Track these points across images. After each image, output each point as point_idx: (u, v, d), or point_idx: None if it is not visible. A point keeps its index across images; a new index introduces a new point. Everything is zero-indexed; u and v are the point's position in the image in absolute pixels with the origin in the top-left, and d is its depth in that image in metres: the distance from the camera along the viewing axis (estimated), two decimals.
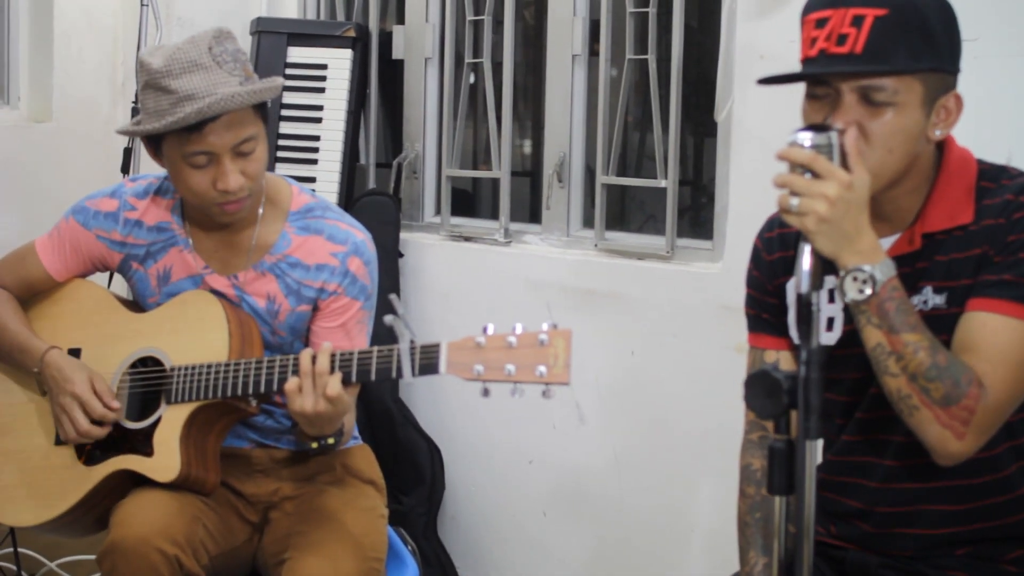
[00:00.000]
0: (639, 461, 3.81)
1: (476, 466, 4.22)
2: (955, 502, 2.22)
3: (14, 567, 4.04)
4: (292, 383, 2.56)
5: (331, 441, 2.72)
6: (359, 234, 2.88)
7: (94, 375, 2.81)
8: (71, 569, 4.27)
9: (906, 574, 2.28)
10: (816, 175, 1.98)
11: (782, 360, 2.36)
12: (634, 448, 3.82)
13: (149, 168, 3.17)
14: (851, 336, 2.08)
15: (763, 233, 2.41)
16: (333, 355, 2.58)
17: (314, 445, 2.73)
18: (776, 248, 2.36)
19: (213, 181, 2.69)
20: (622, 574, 3.88)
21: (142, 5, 4.28)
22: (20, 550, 3.95)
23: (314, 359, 2.56)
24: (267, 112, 2.79)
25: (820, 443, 2.32)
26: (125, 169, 4.17)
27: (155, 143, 2.76)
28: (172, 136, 2.68)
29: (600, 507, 3.91)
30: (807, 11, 2.14)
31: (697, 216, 4.23)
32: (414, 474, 4.17)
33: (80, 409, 2.77)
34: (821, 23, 2.09)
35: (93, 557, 4.07)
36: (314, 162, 4.38)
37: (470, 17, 4.29)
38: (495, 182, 4.34)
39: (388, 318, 2.43)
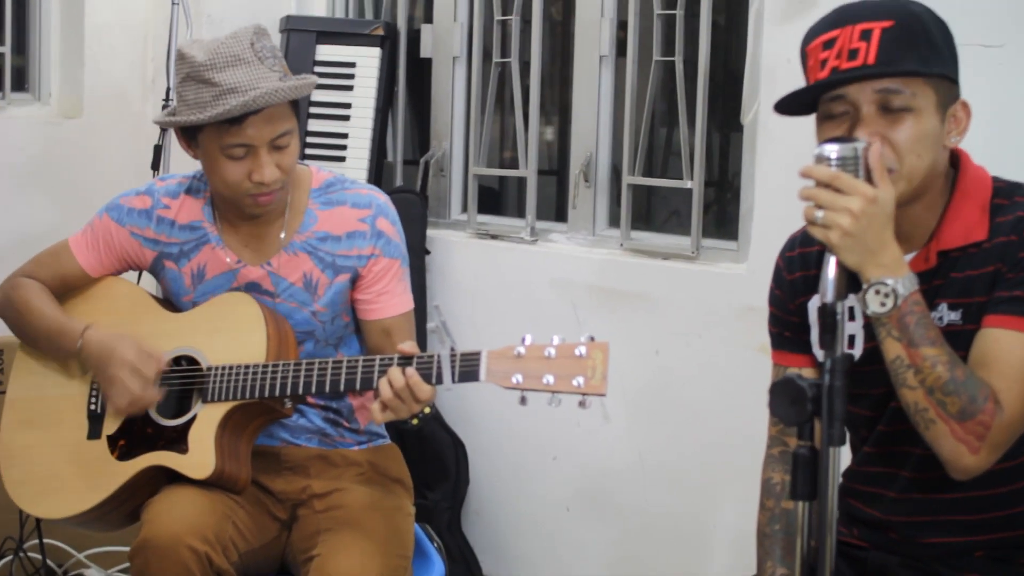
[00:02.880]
0: (663, 459, 3.84)
1: (500, 462, 4.25)
2: (973, 512, 2.25)
3: (51, 563, 4.10)
4: (379, 415, 2.59)
5: (427, 410, 2.72)
6: (380, 196, 2.95)
7: (138, 339, 2.84)
8: (99, 560, 4.31)
9: (925, 574, 2.30)
10: (839, 191, 2.00)
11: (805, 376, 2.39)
12: (658, 446, 3.84)
13: (179, 165, 3.21)
14: (874, 352, 2.12)
15: (784, 252, 2.43)
16: (372, 360, 2.62)
17: (415, 422, 2.72)
18: (797, 268, 2.39)
19: (248, 173, 2.74)
20: (644, 571, 3.91)
21: (173, 3, 4.30)
22: (48, 541, 4.01)
23: (391, 382, 2.57)
24: (299, 108, 2.83)
25: (847, 452, 2.36)
26: (155, 166, 4.20)
27: (190, 134, 2.80)
28: (211, 128, 2.72)
29: (623, 504, 3.94)
30: (810, 38, 2.17)
31: (723, 215, 4.25)
32: (439, 469, 4.21)
33: (132, 374, 2.79)
34: (829, 44, 2.12)
35: (120, 549, 4.17)
36: (342, 159, 4.42)
37: (498, 17, 4.32)
38: (521, 180, 4.37)
39: (431, 324, 2.47)
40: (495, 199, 4.77)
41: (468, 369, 2.53)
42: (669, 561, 3.83)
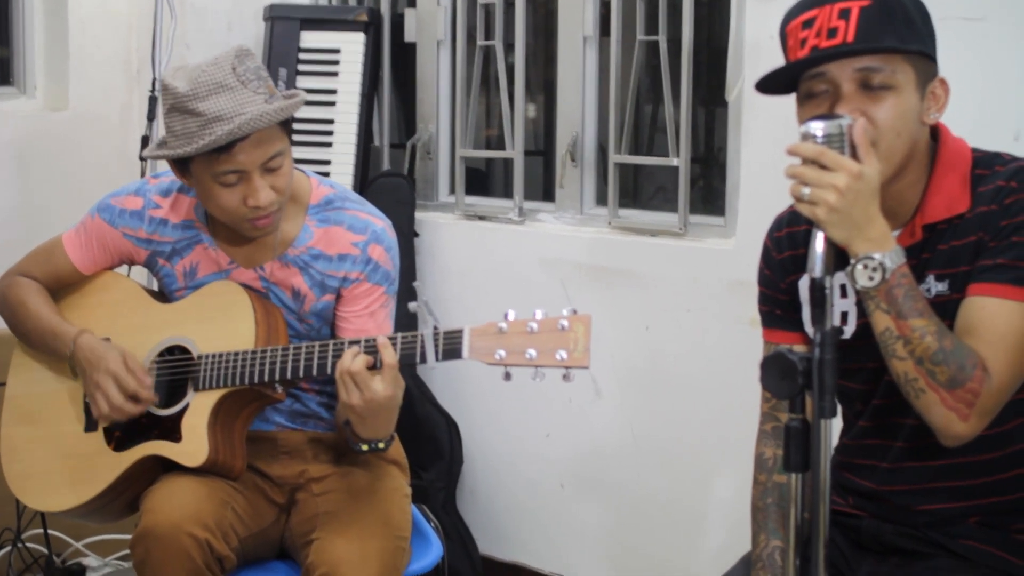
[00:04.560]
0: (655, 434, 3.87)
1: (494, 441, 4.27)
2: (965, 478, 2.28)
3: (44, 549, 4.12)
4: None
5: (381, 445, 2.79)
6: (378, 222, 2.93)
7: (126, 353, 2.86)
8: (97, 549, 4.34)
9: (920, 541, 2.34)
10: (825, 168, 2.03)
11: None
12: (650, 421, 3.88)
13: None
14: (867, 328, 2.15)
15: (772, 232, 2.46)
16: (358, 342, 2.64)
17: (364, 448, 2.78)
18: (786, 247, 2.42)
19: (243, 198, 2.73)
20: (640, 546, 3.94)
21: None
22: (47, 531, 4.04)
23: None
24: (291, 126, 2.81)
25: (838, 427, 2.40)
26: (143, 157, 4.21)
27: (182, 164, 2.78)
28: (201, 157, 2.70)
29: (617, 479, 3.98)
30: (789, 18, 2.20)
31: (709, 192, 4.28)
32: (433, 449, 4.23)
33: (115, 385, 2.82)
34: (808, 23, 2.15)
35: (118, 537, 4.19)
36: (329, 145, 4.43)
37: (481, 0, 4.33)
38: (508, 161, 4.38)
39: (412, 304, 2.49)
40: (482, 180, 4.79)
41: (451, 347, 2.55)
42: (665, 533, 3.87)
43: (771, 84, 2.22)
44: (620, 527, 3.99)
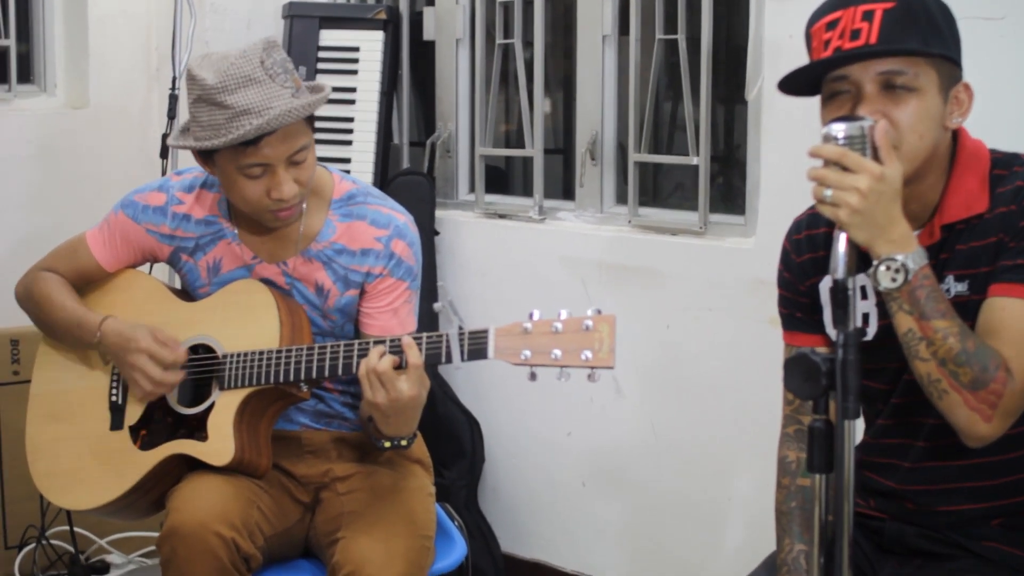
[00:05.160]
0: (676, 433, 3.87)
1: (515, 439, 4.28)
2: (987, 478, 2.29)
3: (69, 547, 4.15)
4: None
5: (404, 443, 2.80)
6: (401, 217, 2.94)
7: (154, 328, 2.88)
8: (121, 546, 4.36)
9: (942, 543, 2.35)
10: (847, 170, 2.04)
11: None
12: (671, 420, 3.88)
13: (188, 155, 3.22)
14: (888, 329, 2.16)
15: (791, 235, 2.47)
16: (383, 341, 2.66)
17: (387, 444, 2.80)
18: (805, 250, 2.43)
19: (267, 190, 2.75)
20: (660, 544, 3.95)
21: None
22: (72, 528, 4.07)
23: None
24: (314, 119, 2.83)
25: (861, 425, 2.40)
26: (164, 155, 4.23)
27: (206, 154, 2.80)
28: (227, 149, 2.71)
29: (638, 478, 3.98)
30: (814, 20, 2.22)
31: (729, 190, 4.28)
32: (455, 448, 4.25)
33: (151, 361, 2.84)
34: (832, 25, 2.17)
35: (142, 534, 4.22)
36: (348, 143, 4.44)
37: None
38: (527, 159, 4.39)
39: (437, 305, 2.50)
40: (502, 179, 4.80)
41: (476, 347, 2.57)
42: (686, 532, 3.87)
43: (794, 84, 2.23)
44: (641, 525, 4.00)
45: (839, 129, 2.07)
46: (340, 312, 2.94)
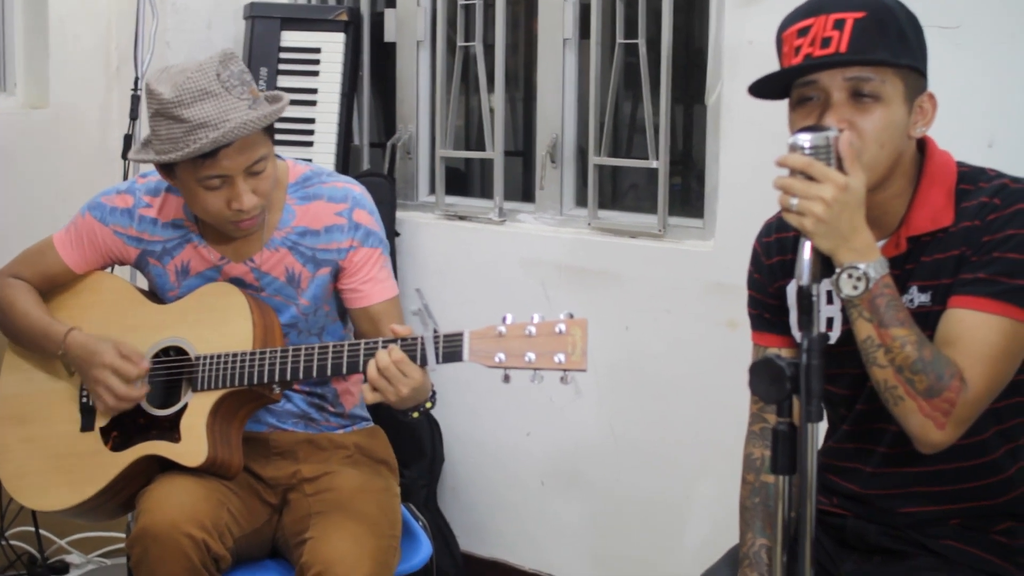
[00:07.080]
0: (635, 433, 3.91)
1: (474, 439, 4.31)
2: (945, 484, 2.35)
3: (27, 547, 4.14)
4: (370, 395, 2.66)
5: (429, 405, 2.79)
6: (356, 188, 3.01)
7: (117, 342, 2.90)
8: (80, 546, 4.36)
9: (902, 541, 2.40)
10: (812, 179, 2.09)
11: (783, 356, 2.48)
12: (630, 420, 3.92)
13: None
14: (851, 334, 2.21)
15: (761, 237, 2.52)
16: (357, 344, 2.69)
17: (415, 415, 2.79)
18: (775, 252, 2.48)
19: (227, 201, 2.79)
20: (619, 543, 3.99)
21: None
22: (31, 529, 4.05)
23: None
24: (274, 128, 2.85)
25: (823, 429, 2.46)
26: (125, 155, 4.23)
27: (167, 167, 2.83)
28: (186, 162, 2.74)
29: (597, 477, 4.02)
30: (786, 25, 2.26)
31: (688, 194, 4.33)
32: (414, 447, 4.27)
33: (115, 376, 2.86)
34: (804, 32, 2.21)
35: (102, 534, 4.22)
36: (309, 144, 4.46)
37: (461, 1, 4.37)
38: (487, 161, 4.43)
39: (412, 308, 2.54)
40: (462, 180, 4.83)
41: (451, 350, 2.60)
42: (644, 531, 3.91)
43: (764, 89, 2.28)
44: (600, 524, 4.04)
45: (805, 139, 2.11)
46: (313, 298, 2.97)
